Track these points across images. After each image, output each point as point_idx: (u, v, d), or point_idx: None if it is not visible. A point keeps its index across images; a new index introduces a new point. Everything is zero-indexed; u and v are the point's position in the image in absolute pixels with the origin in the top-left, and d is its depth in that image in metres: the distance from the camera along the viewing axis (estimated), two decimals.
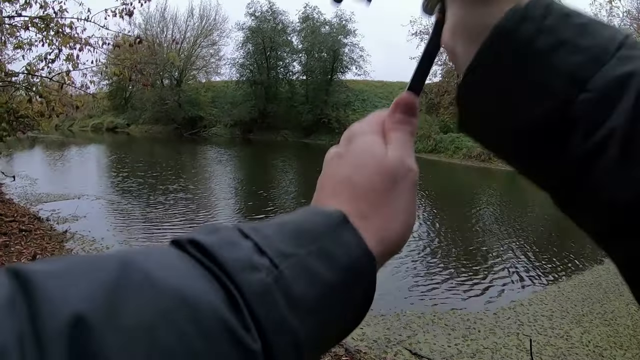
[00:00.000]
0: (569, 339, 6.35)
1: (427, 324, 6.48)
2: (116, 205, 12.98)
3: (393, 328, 6.31)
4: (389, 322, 6.44)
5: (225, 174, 20.94)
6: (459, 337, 6.20)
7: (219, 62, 50.15)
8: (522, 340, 6.26)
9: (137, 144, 36.93)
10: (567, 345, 6.20)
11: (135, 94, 48.08)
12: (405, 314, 6.76)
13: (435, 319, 6.67)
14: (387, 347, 5.80)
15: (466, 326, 6.54)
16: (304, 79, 47.14)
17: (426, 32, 40.77)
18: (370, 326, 6.26)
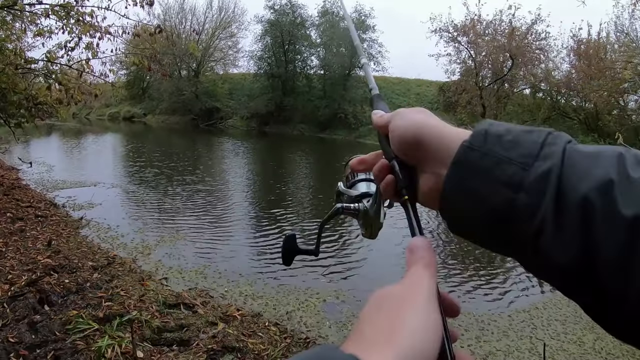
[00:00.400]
0: (581, 345, 6.29)
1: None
2: (132, 194, 13.02)
3: None
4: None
5: (241, 166, 20.94)
6: (472, 338, 6.19)
7: (236, 54, 50.32)
8: (534, 344, 6.23)
9: (154, 133, 37.07)
10: (580, 351, 6.16)
11: (152, 84, 48.39)
12: None
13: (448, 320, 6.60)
14: None
15: (480, 327, 6.52)
16: (322, 73, 46.97)
17: (445, 29, 40.64)
18: None
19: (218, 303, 6.20)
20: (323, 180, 19.13)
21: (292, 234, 1.03)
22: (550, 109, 39.33)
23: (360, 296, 6.96)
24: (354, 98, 42.90)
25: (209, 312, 5.71)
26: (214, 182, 15.51)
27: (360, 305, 6.65)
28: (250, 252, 8.72)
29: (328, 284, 7.39)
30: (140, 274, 6.86)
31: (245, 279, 7.22)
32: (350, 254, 9.24)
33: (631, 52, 32.05)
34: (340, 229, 11.03)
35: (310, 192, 15.67)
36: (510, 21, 39.53)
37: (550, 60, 40.30)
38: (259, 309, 6.22)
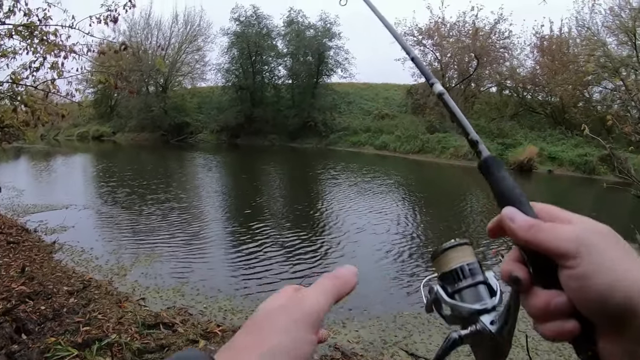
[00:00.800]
0: None
1: (423, 324, 6.52)
2: (105, 215, 12.87)
3: (388, 329, 6.32)
4: (384, 324, 6.47)
5: (214, 181, 20.85)
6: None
7: (204, 67, 49.97)
8: (517, 336, 6.23)
9: (124, 152, 36.73)
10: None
11: (120, 102, 47.90)
12: (400, 315, 6.78)
13: (431, 318, 6.69)
14: (383, 348, 5.83)
15: None
16: (290, 82, 47.16)
17: (410, 33, 41.04)
18: (366, 328, 6.29)
19: (198, 320, 6.15)
20: (297, 190, 19.17)
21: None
22: (517, 105, 40.12)
23: (340, 303, 6.95)
24: (323, 106, 43.24)
25: (189, 330, 5.67)
26: (187, 199, 15.40)
27: (341, 312, 6.67)
28: (228, 267, 8.67)
29: None
30: (117, 296, 6.77)
31: (224, 294, 7.18)
32: (327, 260, 9.26)
33: (593, 45, 32.67)
34: (320, 238, 11.09)
35: (286, 203, 15.70)
36: (473, 22, 40.30)
37: (514, 57, 41.18)
38: (240, 323, 6.19)
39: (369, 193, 17.99)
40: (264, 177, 22.89)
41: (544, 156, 32.27)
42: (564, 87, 34.28)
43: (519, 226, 0.60)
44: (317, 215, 13.69)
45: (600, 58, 30.73)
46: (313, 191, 18.82)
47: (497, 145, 34.25)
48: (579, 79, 33.16)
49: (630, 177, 8.61)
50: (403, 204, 16.49)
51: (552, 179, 29.28)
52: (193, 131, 45.31)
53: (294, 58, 45.41)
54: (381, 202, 16.04)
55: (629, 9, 28.77)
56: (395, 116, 42.33)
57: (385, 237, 11.29)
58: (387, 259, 9.55)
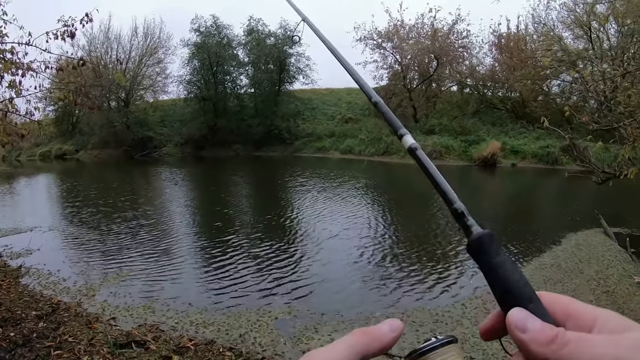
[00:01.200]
0: None
1: None
2: (71, 236, 12.55)
3: None
4: (356, 326, 6.36)
5: (182, 195, 20.57)
6: (427, 332, 6.28)
7: (165, 80, 49.30)
8: None
9: (88, 170, 36.04)
10: None
11: (82, 119, 46.99)
12: (373, 317, 6.77)
13: (403, 317, 6.69)
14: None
15: (434, 320, 6.64)
16: (252, 91, 47.17)
17: (370, 37, 41.45)
18: (339, 332, 6.24)
19: (170, 336, 6.06)
20: (265, 199, 19.10)
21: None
22: (478, 102, 40.81)
23: (313, 309, 6.96)
24: (286, 113, 43.52)
25: (161, 346, 5.61)
26: (155, 215, 15.13)
27: (313, 318, 6.67)
28: (198, 281, 8.55)
29: (273, 300, 7.36)
30: (87, 317, 6.62)
31: (195, 308, 7.07)
32: (300, 268, 9.24)
33: (549, 41, 33.40)
34: (292, 246, 11.07)
35: (255, 213, 15.59)
36: (432, 23, 41.04)
37: (473, 56, 42.00)
38: (212, 335, 6.14)
39: (337, 198, 18.02)
40: (231, 188, 22.76)
41: (507, 150, 32.84)
42: (523, 82, 34.96)
43: (533, 339, 0.48)
44: (287, 223, 13.66)
45: (557, 52, 31.44)
46: (281, 199, 18.79)
47: (460, 143, 34.74)
48: (537, 73, 33.84)
49: (591, 164, 8.78)
50: (372, 206, 16.55)
51: (517, 172, 29.71)
52: (157, 145, 44.81)
53: (255, 67, 45.44)
54: (350, 206, 16.09)
55: (582, 4, 29.42)
56: (358, 120, 42.64)
57: (357, 241, 11.31)
58: (359, 262, 9.56)
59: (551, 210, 17.12)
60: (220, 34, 45.28)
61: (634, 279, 8.53)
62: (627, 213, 15.20)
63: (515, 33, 39.84)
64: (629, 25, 12.26)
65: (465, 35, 40.51)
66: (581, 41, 32.88)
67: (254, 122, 43.82)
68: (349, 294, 7.72)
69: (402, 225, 13.56)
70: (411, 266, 9.33)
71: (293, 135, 42.68)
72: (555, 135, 24.78)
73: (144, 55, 47.28)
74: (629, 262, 9.72)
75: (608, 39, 28.76)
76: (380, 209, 16.05)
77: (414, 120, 40.24)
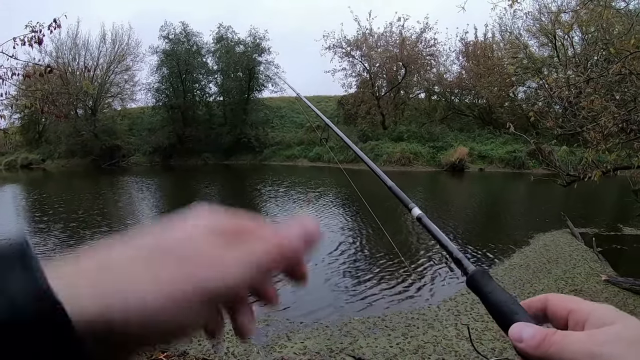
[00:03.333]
0: None
1: (369, 328, 6.56)
2: (37, 250, 12.18)
3: (334, 337, 6.32)
4: (329, 332, 6.47)
5: (151, 206, 20.15)
6: (400, 335, 6.33)
7: (133, 87, 48.41)
8: (460, 329, 6.47)
9: (55, 180, 35.22)
10: None
11: (49, 127, 45.87)
12: (345, 322, 6.81)
13: (376, 321, 6.76)
14: (330, 356, 5.82)
15: (406, 324, 6.70)
16: (221, 99, 47.05)
17: (339, 45, 41.73)
18: (311, 339, 6.26)
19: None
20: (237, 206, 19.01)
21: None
22: (445, 109, 41.41)
23: (286, 316, 6.96)
24: (255, 121, 43.49)
25: None
26: (123, 226, 14.83)
27: (287, 325, 6.67)
28: None
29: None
30: None
31: None
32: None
33: (515, 49, 34.03)
34: None
35: None
36: (400, 32, 41.46)
37: (441, 64, 42.42)
38: (184, 347, 6.06)
39: (306, 204, 18.03)
40: (201, 197, 22.60)
41: (475, 155, 33.34)
42: (490, 89, 35.60)
43: (527, 345, 0.53)
44: None
45: (523, 60, 32.04)
46: (251, 207, 18.73)
47: (428, 149, 35.12)
48: (504, 80, 34.37)
49: (556, 167, 8.97)
50: (343, 213, 16.61)
51: (484, 177, 30.11)
52: (125, 154, 44.01)
53: (224, 75, 45.36)
54: (321, 213, 16.13)
55: (547, 13, 30.05)
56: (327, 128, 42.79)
57: (328, 247, 11.35)
58: (331, 269, 9.58)
59: (519, 213, 17.42)
60: (190, 42, 45.01)
61: (601, 277, 8.75)
62: (592, 214, 15.58)
63: (482, 41, 40.65)
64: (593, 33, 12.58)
65: (432, 43, 41.18)
66: (546, 49, 33.60)
67: (223, 130, 43.73)
68: (321, 300, 7.74)
69: (373, 230, 13.64)
70: (384, 271, 9.41)
71: (262, 143, 42.64)
72: (522, 140, 25.24)
73: (112, 62, 46.53)
74: (595, 261, 9.96)
75: (572, 46, 29.34)
76: (350, 216, 16.12)
77: (382, 127, 40.57)
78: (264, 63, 45.02)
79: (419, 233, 12.74)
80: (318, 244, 0.57)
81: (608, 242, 11.91)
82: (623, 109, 7.25)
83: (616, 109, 7.21)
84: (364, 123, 40.67)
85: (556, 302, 0.58)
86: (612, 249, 11.43)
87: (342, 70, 45.25)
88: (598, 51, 9.64)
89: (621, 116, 7.18)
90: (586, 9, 8.71)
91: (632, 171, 8.85)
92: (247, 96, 44.74)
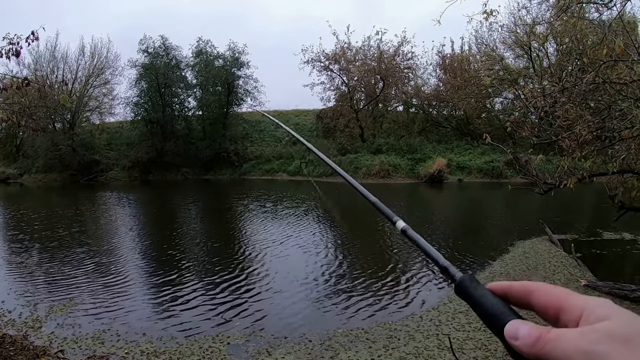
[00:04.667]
0: (486, 331, 6.60)
1: (350, 341, 6.60)
2: (16, 266, 11.80)
3: (315, 351, 6.33)
4: (310, 346, 6.49)
5: (130, 222, 19.77)
6: (381, 348, 6.36)
7: (112, 101, 47.94)
8: (442, 339, 6.53)
9: (32, 195, 34.68)
10: (486, 336, 6.55)
11: (26, 141, 45.05)
12: (326, 335, 6.83)
13: (358, 334, 6.80)
14: None
15: (387, 336, 6.74)
16: (200, 114, 46.84)
17: (317, 59, 42.04)
18: (292, 353, 6.26)
19: None
20: (215, 223, 18.93)
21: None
22: (423, 121, 41.81)
23: (266, 331, 6.99)
24: (235, 135, 43.46)
25: None
26: (102, 243, 14.61)
27: (267, 340, 6.66)
28: (148, 309, 8.31)
29: (227, 326, 7.29)
30: (34, 351, 6.35)
31: (146, 337, 6.93)
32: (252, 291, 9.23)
33: (492, 61, 34.52)
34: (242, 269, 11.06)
35: (204, 238, 15.37)
36: (378, 45, 41.80)
37: (418, 77, 42.85)
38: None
39: (286, 219, 18.10)
40: (180, 212, 22.46)
41: (453, 166, 33.71)
42: (467, 100, 36.08)
43: (523, 343, 0.54)
44: (237, 247, 13.58)
45: (499, 71, 32.51)
46: (231, 223, 18.70)
47: (407, 161, 35.40)
48: (480, 92, 34.90)
49: (534, 176, 9.11)
50: (321, 227, 16.67)
51: (463, 187, 30.39)
52: (103, 169, 43.37)
53: (203, 89, 45.24)
54: (299, 227, 16.14)
55: (522, 25, 30.53)
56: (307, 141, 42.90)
57: (308, 262, 11.37)
58: (311, 283, 9.59)
59: (499, 221, 17.61)
60: (169, 55, 44.64)
61: (580, 282, 8.89)
62: (571, 220, 15.84)
63: (459, 53, 41.19)
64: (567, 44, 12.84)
65: (410, 56, 41.58)
66: (522, 60, 34.15)
67: (202, 145, 43.53)
68: (301, 315, 7.77)
69: (353, 243, 13.69)
70: (363, 284, 9.46)
71: (241, 157, 42.60)
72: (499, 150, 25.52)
73: (91, 76, 46.09)
74: (574, 266, 10.13)
75: (547, 57, 29.81)
76: (329, 230, 16.19)
77: (361, 140, 40.78)
78: (243, 77, 45.05)
79: (399, 244, 12.83)
80: None
81: (587, 248, 12.14)
82: (597, 117, 7.40)
83: (591, 117, 7.36)
84: (343, 136, 40.88)
85: (543, 295, 0.60)
86: (592, 254, 11.65)
87: (320, 84, 45.68)
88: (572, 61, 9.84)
89: (596, 124, 7.32)
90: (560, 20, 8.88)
91: (608, 177, 9.03)
92: (226, 110, 44.67)
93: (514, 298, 0.62)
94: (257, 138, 46.19)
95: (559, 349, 0.50)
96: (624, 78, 6.90)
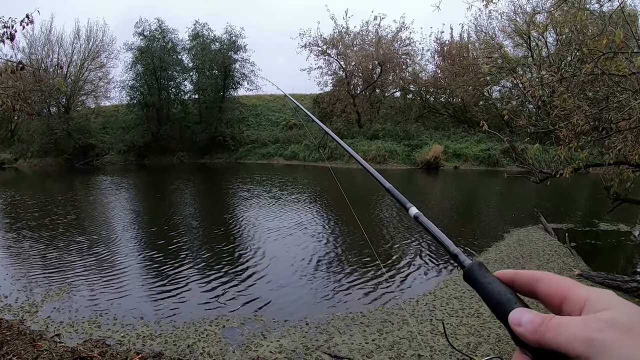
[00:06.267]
0: (479, 317, 6.74)
1: (346, 325, 6.64)
2: (11, 251, 11.72)
3: (310, 334, 6.37)
4: (305, 330, 6.53)
5: (126, 205, 19.76)
6: (375, 332, 6.40)
7: (108, 85, 47.30)
8: (435, 325, 6.58)
9: (28, 180, 34.39)
10: (479, 322, 6.60)
11: (21, 125, 44.67)
12: (321, 319, 6.87)
13: (352, 318, 6.85)
14: (306, 354, 5.86)
15: (382, 320, 6.78)
16: (197, 97, 46.57)
17: (315, 43, 41.86)
18: (287, 337, 6.30)
19: (116, 350, 5.91)
20: (211, 207, 18.91)
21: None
22: (421, 107, 41.71)
23: (262, 315, 7.02)
24: (231, 119, 43.34)
25: None
26: (98, 227, 14.57)
27: (262, 324, 6.71)
28: (144, 292, 8.34)
29: (224, 310, 7.32)
30: (31, 335, 6.32)
31: (142, 321, 6.96)
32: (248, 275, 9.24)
33: (490, 49, 34.43)
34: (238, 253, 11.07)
35: (201, 222, 15.35)
36: (376, 31, 41.64)
37: (416, 63, 42.65)
38: (160, 348, 6.04)
39: (282, 204, 18.09)
40: (176, 196, 22.40)
41: (450, 154, 33.71)
42: (465, 88, 35.98)
43: (525, 329, 0.56)
44: (233, 231, 13.57)
45: (497, 60, 32.47)
46: (227, 207, 18.66)
47: (404, 147, 35.36)
48: (478, 80, 34.82)
49: (529, 165, 9.14)
50: (318, 211, 16.69)
51: (459, 175, 30.42)
52: (99, 153, 43.13)
53: (199, 72, 44.93)
54: (296, 212, 16.18)
55: (522, 14, 30.43)
56: (303, 126, 42.85)
57: (304, 246, 11.40)
58: (306, 267, 9.61)
59: (494, 209, 17.67)
60: (165, 38, 44.24)
61: (574, 271, 8.93)
62: (566, 210, 15.89)
63: (457, 41, 41.04)
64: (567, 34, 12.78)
65: (408, 42, 41.47)
66: (521, 49, 34.02)
67: (198, 128, 43.33)
68: (296, 299, 7.81)
69: (349, 227, 13.71)
70: (359, 267, 9.49)
71: (237, 141, 42.55)
72: (496, 139, 25.55)
73: (86, 59, 45.56)
74: (568, 255, 10.17)
75: (547, 47, 29.75)
76: (325, 214, 16.20)
77: (357, 126, 40.75)
78: (239, 61, 44.73)
79: (397, 228, 12.88)
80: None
81: (582, 238, 12.18)
82: (595, 108, 7.40)
83: (588, 107, 7.36)
84: (340, 121, 40.91)
85: (549, 284, 0.61)
86: (586, 244, 11.69)
87: (318, 69, 45.59)
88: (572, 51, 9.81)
89: (593, 115, 7.33)
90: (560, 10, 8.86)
91: (603, 168, 9.05)
92: (223, 94, 44.38)
93: (521, 286, 0.64)
94: (253, 122, 46.08)
95: (561, 335, 0.51)
96: (622, 70, 6.91)
